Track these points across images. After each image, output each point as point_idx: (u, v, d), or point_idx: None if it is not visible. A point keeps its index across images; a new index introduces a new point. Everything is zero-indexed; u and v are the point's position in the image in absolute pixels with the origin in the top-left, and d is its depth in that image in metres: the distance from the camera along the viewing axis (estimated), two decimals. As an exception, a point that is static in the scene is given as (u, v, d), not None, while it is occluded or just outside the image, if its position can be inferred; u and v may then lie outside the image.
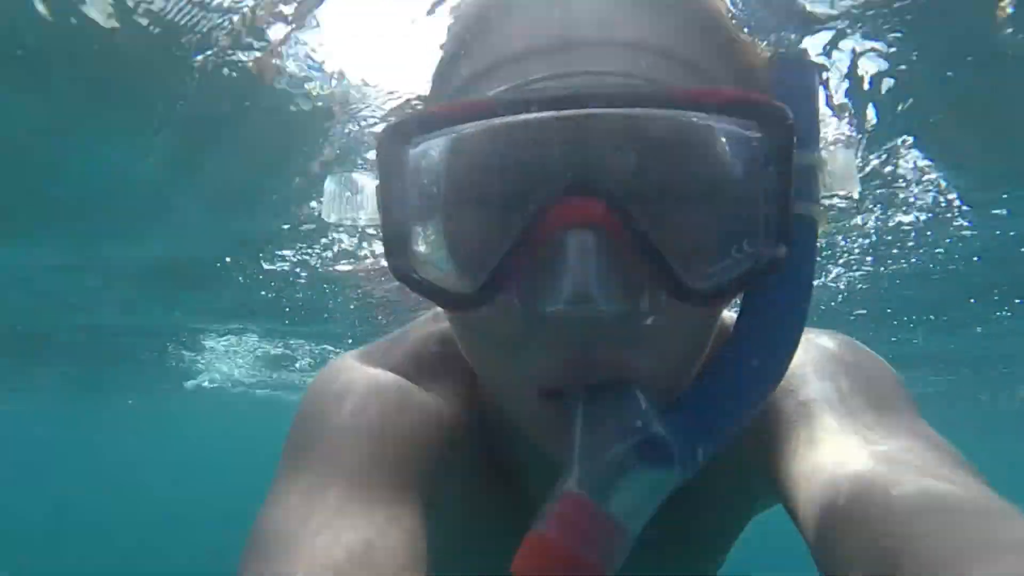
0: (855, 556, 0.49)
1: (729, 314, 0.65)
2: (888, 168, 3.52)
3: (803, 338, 0.57)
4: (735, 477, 0.80)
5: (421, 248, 0.54)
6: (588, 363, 0.52)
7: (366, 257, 5.07)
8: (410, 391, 0.67)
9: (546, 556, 0.49)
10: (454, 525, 0.86)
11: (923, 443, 0.57)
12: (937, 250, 4.71)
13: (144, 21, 2.48)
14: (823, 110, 2.77)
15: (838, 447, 0.59)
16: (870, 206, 3.94)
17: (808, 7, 2.40)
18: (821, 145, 0.57)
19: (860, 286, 5.51)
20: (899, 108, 2.99)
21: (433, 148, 0.52)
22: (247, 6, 2.45)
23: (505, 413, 0.63)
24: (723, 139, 0.50)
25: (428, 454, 0.63)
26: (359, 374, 0.68)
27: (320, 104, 3.09)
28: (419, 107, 0.59)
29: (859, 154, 3.37)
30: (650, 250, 0.48)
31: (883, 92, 2.85)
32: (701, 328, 0.56)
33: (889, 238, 4.53)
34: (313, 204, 4.14)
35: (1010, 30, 2.41)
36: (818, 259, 0.59)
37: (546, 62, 0.50)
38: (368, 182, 0.58)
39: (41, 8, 2.40)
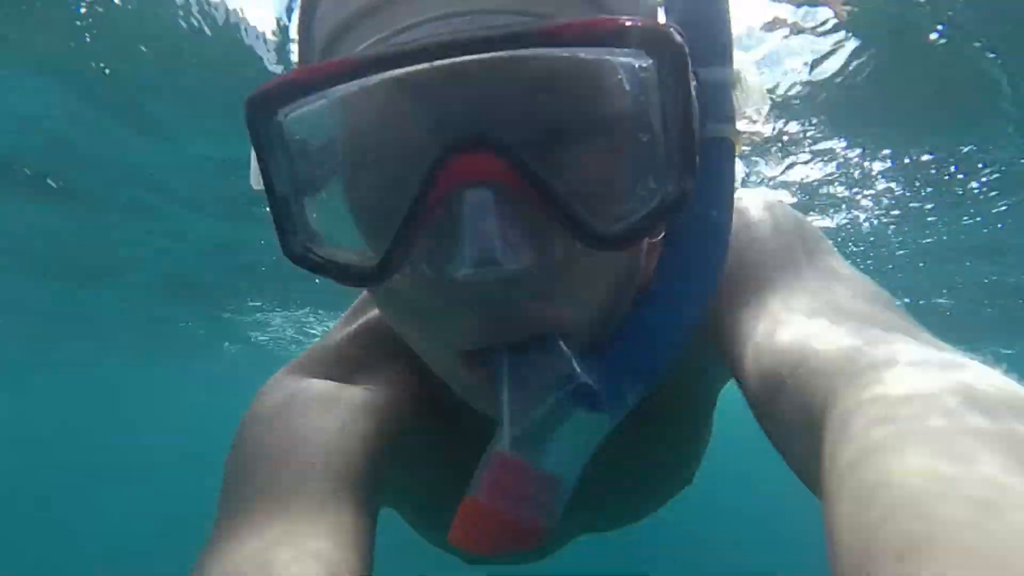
0: (786, 418, 0.49)
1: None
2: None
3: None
4: (686, 365, 0.80)
5: (313, 225, 0.50)
6: (506, 321, 0.50)
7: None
8: (335, 393, 0.65)
9: (480, 522, 0.48)
10: (422, 495, 0.86)
11: (847, 289, 0.56)
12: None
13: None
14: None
15: (768, 312, 0.57)
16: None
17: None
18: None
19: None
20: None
21: (306, 117, 0.47)
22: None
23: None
24: (612, 72, 0.46)
25: (369, 449, 0.61)
26: (285, 390, 0.66)
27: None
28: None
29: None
30: (552, 199, 0.46)
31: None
32: (620, 271, 0.55)
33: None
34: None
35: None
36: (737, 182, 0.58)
37: (413, 5, 0.45)
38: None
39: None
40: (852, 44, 2.72)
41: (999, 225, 4.71)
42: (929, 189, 4.22)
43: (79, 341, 10.82)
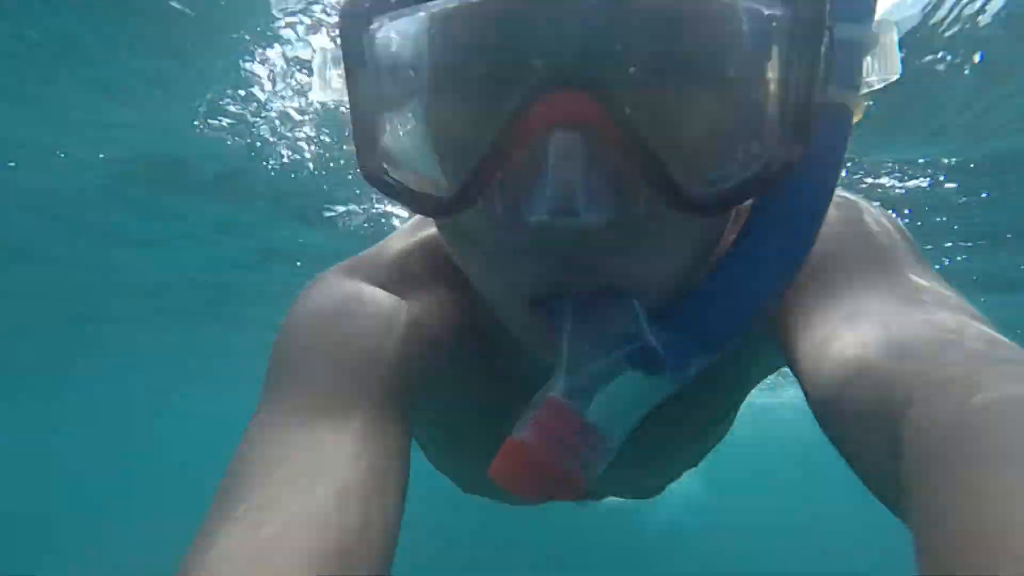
0: (859, 425, 0.45)
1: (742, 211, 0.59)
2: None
3: None
4: (740, 351, 0.77)
5: (393, 146, 0.49)
6: (576, 272, 0.49)
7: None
8: (390, 303, 0.64)
9: (522, 461, 0.48)
10: (453, 430, 0.87)
11: (934, 301, 0.51)
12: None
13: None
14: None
15: (847, 315, 0.53)
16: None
17: None
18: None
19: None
20: None
21: (401, 31, 0.45)
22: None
23: (499, 319, 0.61)
24: (738, 18, 0.42)
25: (411, 366, 0.61)
26: (337, 291, 0.65)
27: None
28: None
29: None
30: (646, 154, 0.43)
31: None
32: (702, 237, 0.51)
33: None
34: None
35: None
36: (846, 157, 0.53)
37: None
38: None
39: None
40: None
41: None
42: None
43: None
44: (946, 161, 3.22)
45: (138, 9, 2.29)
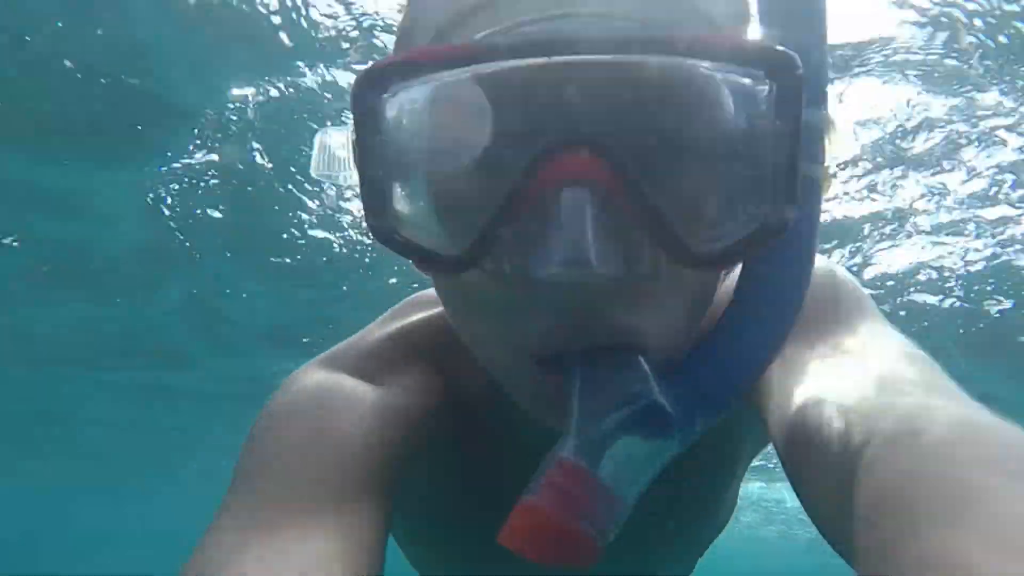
0: (816, 477, 0.48)
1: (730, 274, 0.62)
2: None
3: None
4: (723, 426, 0.78)
5: (403, 207, 0.50)
6: (585, 328, 0.50)
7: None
8: (366, 392, 0.64)
9: (537, 526, 0.46)
10: (436, 517, 0.84)
11: (890, 352, 0.56)
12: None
13: None
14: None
15: (812, 372, 0.58)
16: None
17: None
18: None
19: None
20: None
21: (413, 97, 0.47)
22: None
23: (494, 386, 0.60)
24: (729, 90, 0.46)
25: (390, 454, 0.60)
26: (312, 383, 0.64)
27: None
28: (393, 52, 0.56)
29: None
30: (650, 210, 0.45)
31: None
32: (703, 291, 0.54)
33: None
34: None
35: None
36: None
37: (537, 1, 0.45)
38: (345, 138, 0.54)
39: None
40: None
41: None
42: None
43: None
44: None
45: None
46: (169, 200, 4.05)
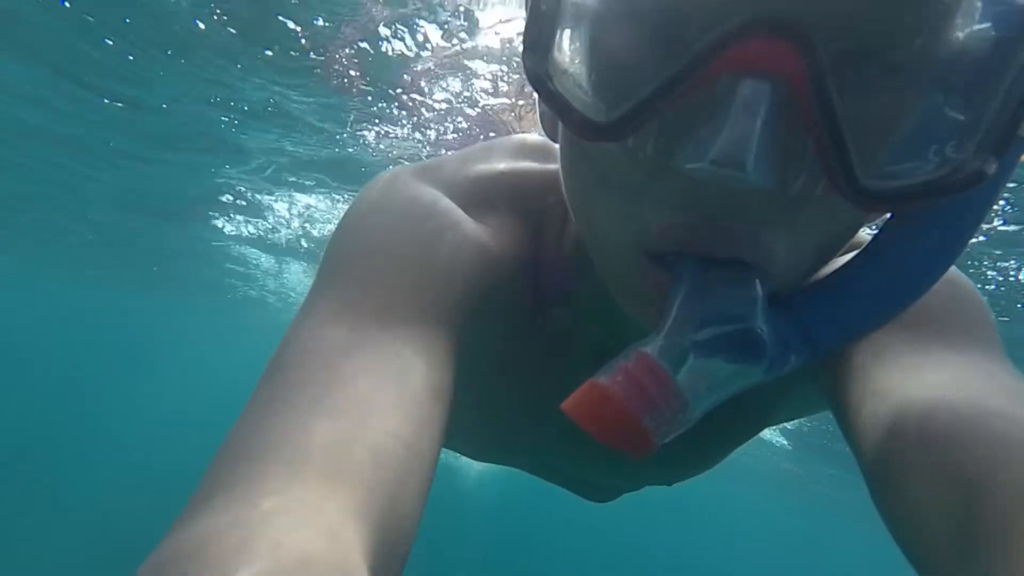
0: (925, 485, 0.44)
1: None
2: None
3: None
4: (789, 390, 0.75)
5: (564, 55, 0.46)
6: (711, 234, 0.46)
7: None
8: (465, 224, 0.62)
9: (603, 404, 0.47)
10: (487, 380, 0.86)
11: (1002, 373, 0.50)
12: None
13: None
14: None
15: (908, 365, 0.52)
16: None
17: None
18: None
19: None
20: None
21: None
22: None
23: (585, 270, 0.59)
24: (973, 17, 0.39)
25: (467, 289, 0.59)
26: (408, 192, 0.63)
27: None
28: None
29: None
30: (833, 125, 0.40)
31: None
32: (844, 231, 0.49)
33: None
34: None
35: None
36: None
37: None
38: None
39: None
40: None
41: None
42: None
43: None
44: None
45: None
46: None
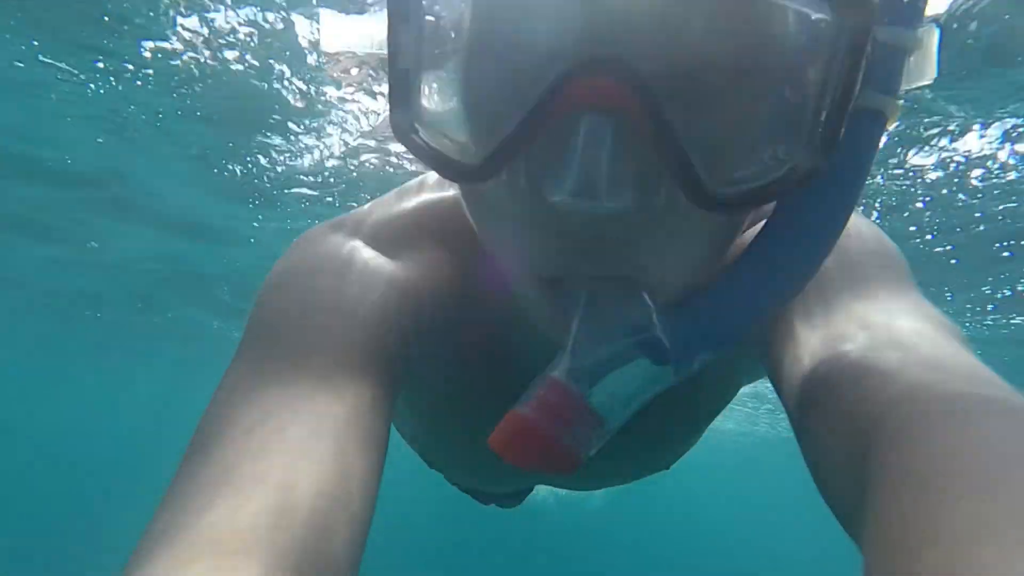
0: (829, 433, 0.47)
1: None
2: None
3: None
4: (724, 375, 0.78)
5: (428, 106, 0.48)
6: (591, 257, 0.49)
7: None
8: (380, 264, 0.63)
9: (522, 434, 0.49)
10: (435, 401, 0.86)
11: (916, 318, 0.53)
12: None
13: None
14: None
15: (828, 321, 0.55)
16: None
17: None
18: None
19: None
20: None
21: None
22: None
23: (504, 289, 0.60)
24: (781, 18, 0.41)
25: (401, 332, 0.60)
26: (325, 248, 0.63)
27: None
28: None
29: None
30: (673, 145, 0.42)
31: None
32: (721, 234, 0.51)
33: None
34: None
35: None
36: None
37: None
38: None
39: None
40: None
41: None
42: None
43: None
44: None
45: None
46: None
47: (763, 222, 0.53)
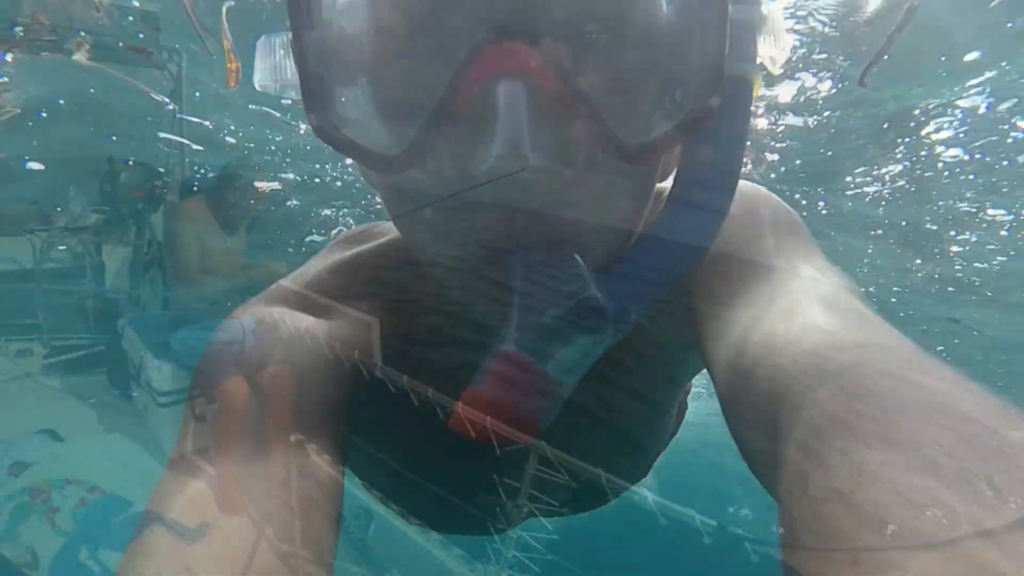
0: (745, 411, 0.49)
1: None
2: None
3: None
4: (663, 345, 0.82)
5: (344, 104, 0.50)
6: (521, 224, 0.51)
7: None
8: (310, 325, 0.64)
9: (481, 408, 0.50)
10: (388, 442, 0.85)
11: (821, 285, 0.57)
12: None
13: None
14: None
15: (747, 303, 0.58)
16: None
17: None
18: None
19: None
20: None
21: None
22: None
23: (442, 313, 0.62)
24: None
25: (337, 386, 0.61)
26: (255, 320, 0.64)
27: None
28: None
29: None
30: (584, 101, 0.46)
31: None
32: (640, 187, 0.55)
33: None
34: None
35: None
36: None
37: None
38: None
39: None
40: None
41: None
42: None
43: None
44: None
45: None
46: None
47: (671, 178, 0.58)
